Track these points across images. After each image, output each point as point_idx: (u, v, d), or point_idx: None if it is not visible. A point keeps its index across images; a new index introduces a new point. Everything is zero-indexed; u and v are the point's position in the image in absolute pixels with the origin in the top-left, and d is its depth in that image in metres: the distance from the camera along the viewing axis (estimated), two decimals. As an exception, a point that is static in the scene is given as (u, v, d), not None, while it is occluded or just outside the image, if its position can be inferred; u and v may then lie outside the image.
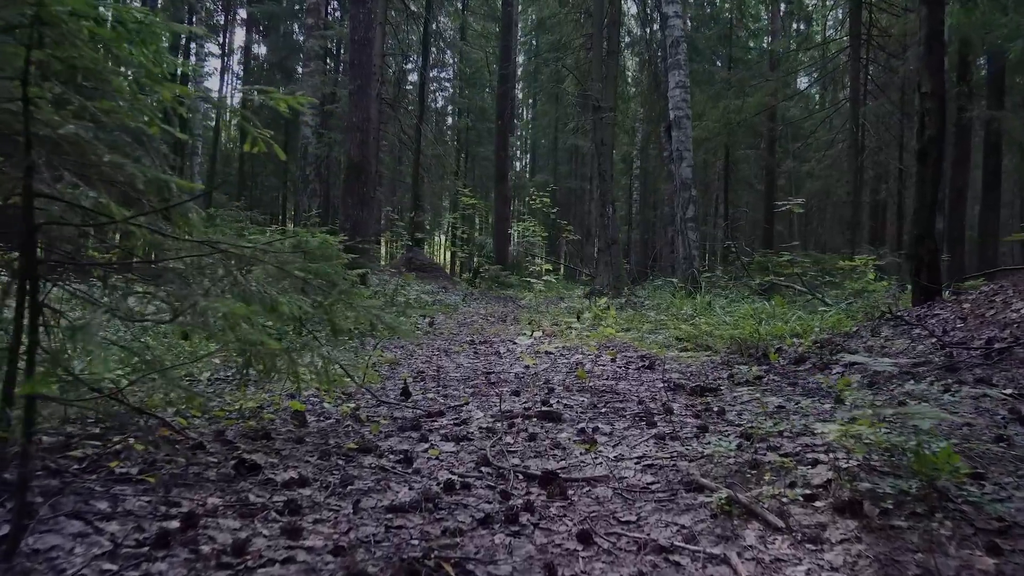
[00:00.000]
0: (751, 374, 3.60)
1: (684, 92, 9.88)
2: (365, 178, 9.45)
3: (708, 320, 5.10)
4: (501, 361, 5.02)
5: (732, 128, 16.82)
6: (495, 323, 8.12)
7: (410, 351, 5.73)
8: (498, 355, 5.33)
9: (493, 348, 5.75)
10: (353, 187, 9.39)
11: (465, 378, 4.32)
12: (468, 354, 5.48)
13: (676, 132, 9.82)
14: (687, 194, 9.74)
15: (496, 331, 7.09)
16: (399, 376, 4.43)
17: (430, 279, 15.77)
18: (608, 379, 3.97)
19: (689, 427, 2.74)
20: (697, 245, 9.76)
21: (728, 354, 4.51)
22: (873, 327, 4.53)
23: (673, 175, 10.02)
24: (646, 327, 5.75)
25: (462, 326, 7.82)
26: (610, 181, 12.79)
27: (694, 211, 9.84)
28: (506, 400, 3.45)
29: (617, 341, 5.61)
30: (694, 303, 7.61)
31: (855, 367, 3.68)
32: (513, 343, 6.03)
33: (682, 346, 4.82)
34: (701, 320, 5.01)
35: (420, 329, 7.17)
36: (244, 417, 2.92)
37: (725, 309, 6.25)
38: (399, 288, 9.87)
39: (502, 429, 2.79)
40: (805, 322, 4.78)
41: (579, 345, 5.48)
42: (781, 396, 3.22)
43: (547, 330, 6.57)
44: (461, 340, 6.41)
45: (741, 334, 4.30)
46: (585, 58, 15.72)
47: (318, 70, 15.89)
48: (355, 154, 9.40)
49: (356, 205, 9.35)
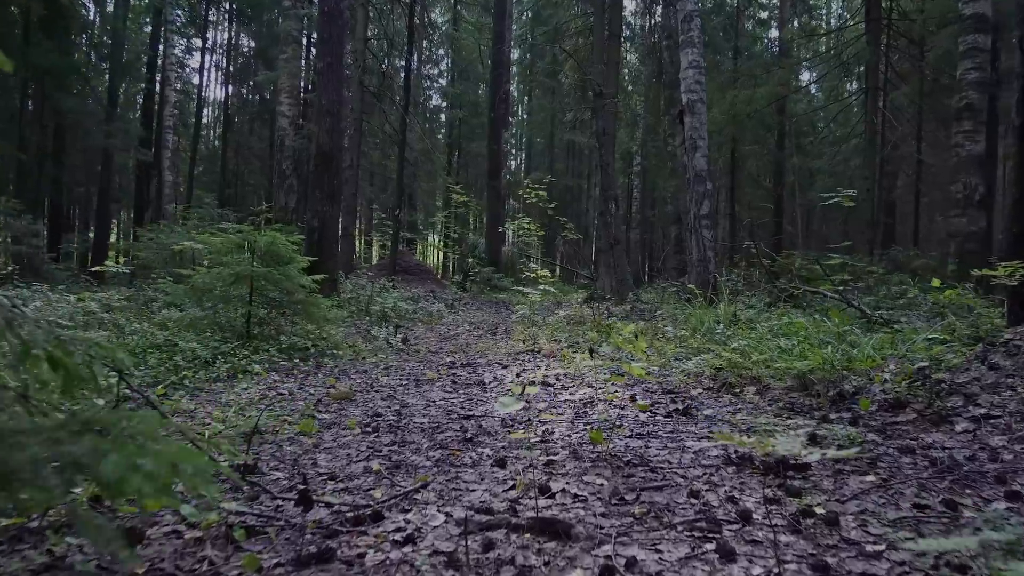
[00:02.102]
0: (843, 436, 2.45)
1: (698, 73, 8.76)
2: (336, 169, 8.28)
3: (752, 343, 3.96)
4: (485, 397, 3.86)
5: (741, 120, 15.71)
6: (483, 337, 6.96)
7: (373, 378, 4.56)
8: (482, 386, 4.17)
9: (477, 375, 4.59)
10: (322, 179, 8.22)
11: (433, 427, 3.17)
12: (445, 384, 4.31)
13: (689, 118, 8.69)
14: (702, 188, 8.61)
15: (483, 348, 5.93)
16: (345, 423, 3.27)
17: (417, 282, 14.61)
18: (633, 435, 2.81)
19: (791, 557, 1.60)
20: (713, 245, 8.63)
21: (787, 392, 3.37)
22: (981, 355, 3.39)
23: (685, 167, 8.88)
24: (670, 349, 4.59)
25: (444, 341, 6.65)
26: (612, 174, 11.65)
27: (709, 207, 8.71)
28: (485, 478, 2.29)
29: (632, 366, 4.46)
30: (716, 314, 6.47)
31: (993, 421, 2.54)
32: (503, 367, 4.87)
33: (722, 378, 3.67)
34: (742, 342, 3.86)
35: (391, 346, 6.00)
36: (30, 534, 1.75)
37: (762, 325, 5.11)
38: (374, 295, 8.69)
39: (471, 560, 1.63)
40: (882, 347, 3.64)
41: (584, 373, 4.33)
42: (908, 483, 2.07)
43: (545, 349, 5.41)
44: (439, 362, 5.25)
45: (806, 366, 3.15)
46: (584, 44, 14.59)
47: (296, 55, 14.69)
48: (324, 142, 8.23)
49: (325, 200, 8.18)
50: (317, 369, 4.98)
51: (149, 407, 3.36)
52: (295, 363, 5.03)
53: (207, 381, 4.26)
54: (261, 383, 4.31)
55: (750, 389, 3.53)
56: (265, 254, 5.68)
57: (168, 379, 4.07)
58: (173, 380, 4.05)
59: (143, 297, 7.63)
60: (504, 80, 19.19)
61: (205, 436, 2.88)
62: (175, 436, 2.34)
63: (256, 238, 5.54)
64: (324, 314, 5.91)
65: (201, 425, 3.20)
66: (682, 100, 8.86)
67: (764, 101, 15.50)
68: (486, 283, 15.36)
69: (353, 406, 3.73)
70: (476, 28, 27.07)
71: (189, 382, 4.07)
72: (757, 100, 15.35)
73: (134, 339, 4.88)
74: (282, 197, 14.70)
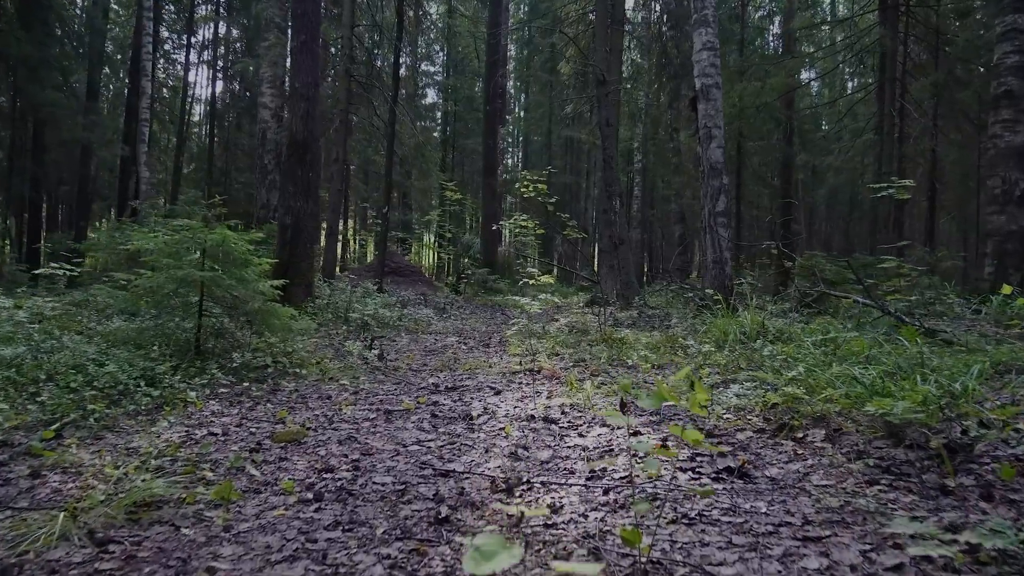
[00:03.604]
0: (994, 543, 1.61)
1: (713, 55, 7.93)
2: (311, 160, 7.42)
3: (807, 367, 3.12)
4: (471, 440, 3.01)
5: (749, 113, 14.91)
6: (474, 349, 6.11)
7: (335, 408, 3.72)
8: (468, 422, 3.33)
9: (463, 404, 3.74)
10: (295, 171, 7.36)
11: (399, 491, 2.33)
12: (422, 417, 3.47)
13: (703, 105, 7.87)
14: (717, 182, 7.78)
15: (473, 365, 5.09)
16: (281, 484, 2.43)
17: (407, 285, 13.75)
18: (678, 520, 1.97)
19: None
20: (730, 246, 7.80)
21: (869, 440, 2.54)
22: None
23: (698, 159, 8.06)
24: (707, 377, 3.76)
25: (429, 354, 5.80)
26: (615, 169, 10.83)
27: (726, 203, 7.88)
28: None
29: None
30: (740, 323, 5.64)
31: None
32: (495, 392, 4.03)
33: (777, 416, 2.84)
34: (796, 370, 3.03)
35: (367, 363, 5.15)
36: None
37: (802, 338, 4.29)
38: (353, 301, 7.83)
39: None
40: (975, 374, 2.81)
41: (595, 402, 3.49)
42: None
43: (546, 368, 4.57)
44: (419, 385, 4.40)
45: (906, 409, 2.32)
46: (584, 32, 13.76)
47: (279, 43, 13.81)
48: (298, 129, 7.37)
49: (299, 194, 7.33)
50: (272, 394, 4.13)
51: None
52: (246, 387, 4.18)
53: (124, 415, 3.41)
54: (193, 417, 3.47)
55: (816, 433, 2.70)
56: (218, 255, 4.84)
57: (71, 414, 3.22)
58: (75, 417, 3.20)
59: (95, 304, 6.76)
60: (500, 75, 18.35)
61: (71, 512, 2.04)
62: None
63: (204, 237, 4.69)
64: (287, 325, 5.06)
65: (82, 488, 2.36)
66: (695, 85, 8.03)
67: (775, 93, 14.69)
68: (481, 285, 14.51)
69: (300, 452, 2.89)
70: (471, 20, 26.24)
71: (97, 417, 3.22)
72: (767, 92, 14.54)
73: (51, 358, 4.02)
74: (264, 194, 13.81)
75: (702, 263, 8.73)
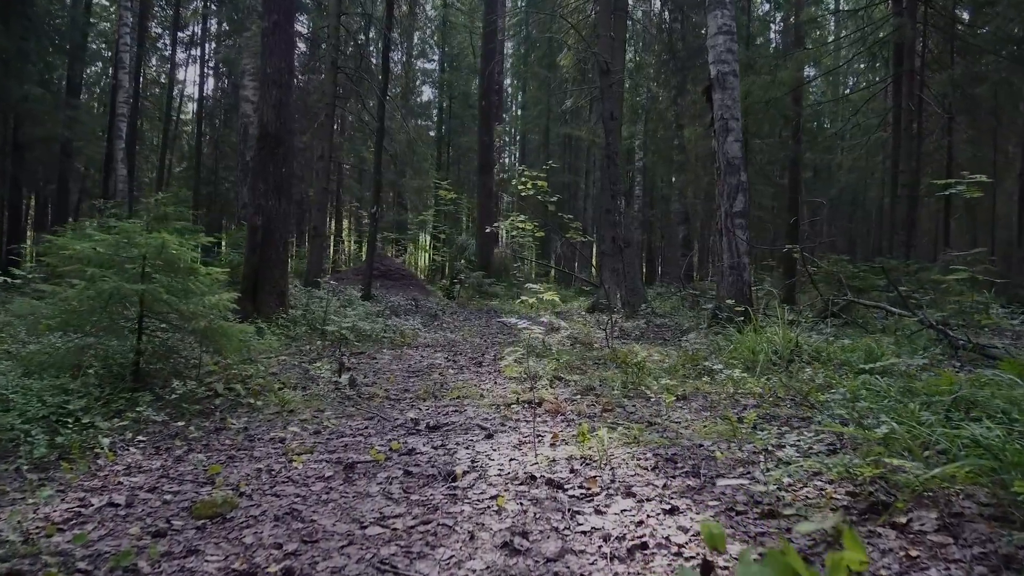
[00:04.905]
0: None
1: (730, 39, 7.20)
2: (284, 154, 6.65)
3: (900, 418, 2.39)
4: (453, 515, 2.26)
5: (757, 109, 14.16)
6: (465, 369, 5.36)
7: (283, 460, 2.96)
8: (451, 484, 2.57)
9: (446, 453, 2.98)
10: (266, 166, 6.60)
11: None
12: (394, 476, 2.71)
13: (719, 94, 7.13)
14: (735, 179, 7.05)
15: (463, 391, 4.33)
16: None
17: (397, 289, 12.97)
18: None
19: None
20: (748, 250, 7.06)
21: (997, 528, 1.80)
22: None
23: (714, 154, 7.31)
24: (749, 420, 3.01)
25: (412, 376, 5.04)
26: (620, 165, 10.09)
27: (744, 202, 7.15)
28: None
29: (686, 445, 2.88)
30: (767, 339, 4.90)
31: None
32: (487, 435, 3.27)
33: (864, 491, 2.10)
34: (890, 425, 2.29)
35: (339, 388, 4.38)
36: None
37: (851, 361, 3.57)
38: (333, 311, 7.05)
39: None
40: None
41: (612, 454, 2.75)
42: None
43: (548, 401, 3.81)
44: (395, 422, 3.63)
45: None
46: (585, 20, 13.01)
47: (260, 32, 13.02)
48: (269, 119, 6.61)
49: (270, 192, 6.56)
50: (216, 434, 3.37)
51: None
52: (182, 425, 3.42)
53: (12, 474, 2.65)
54: (100, 473, 2.71)
55: (926, 519, 1.96)
56: (160, 265, 4.07)
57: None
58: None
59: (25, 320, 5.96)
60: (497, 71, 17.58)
61: None
62: None
63: (141, 241, 3.93)
64: (243, 345, 4.31)
65: None
66: (710, 72, 7.29)
67: (784, 88, 13.95)
68: (476, 289, 13.74)
69: (221, 536, 2.13)
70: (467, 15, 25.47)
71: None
72: (777, 87, 13.82)
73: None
74: (245, 192, 13.02)
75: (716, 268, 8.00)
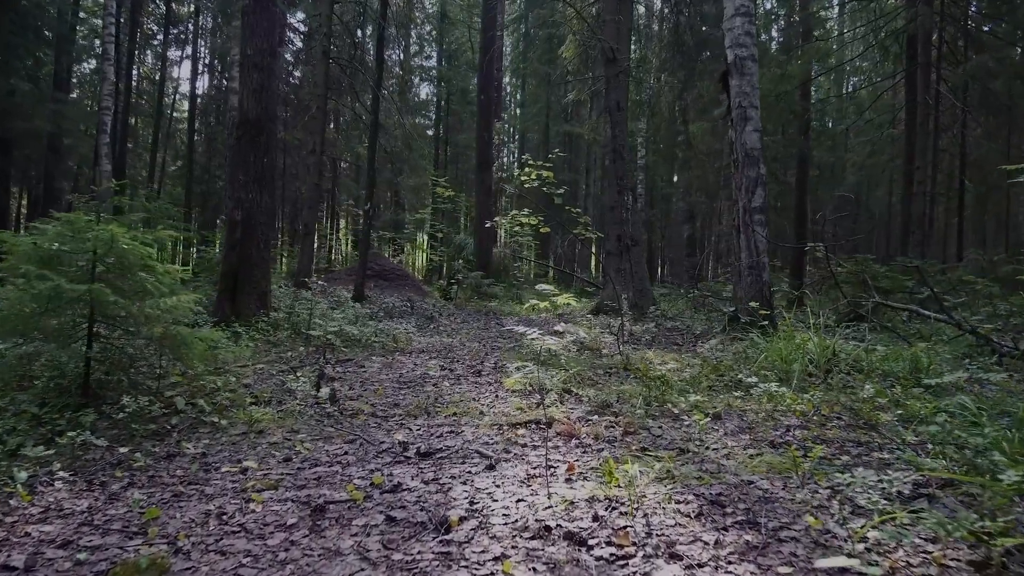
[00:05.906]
0: None
1: (748, 21, 6.70)
2: (266, 143, 6.12)
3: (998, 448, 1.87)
4: (444, 586, 1.73)
5: (766, 103, 13.66)
6: (462, 379, 4.83)
7: (241, 498, 2.42)
8: (443, 537, 2.05)
9: (439, 490, 2.45)
10: (246, 156, 6.06)
11: None
12: (373, 525, 2.18)
13: (737, 80, 6.63)
14: (754, 172, 6.54)
15: (459, 408, 3.81)
16: None
17: (393, 290, 12.43)
18: None
19: None
20: (767, 248, 6.54)
21: None
22: None
23: (731, 146, 6.80)
24: (811, 459, 2.49)
25: (403, 388, 4.51)
26: (626, 160, 9.58)
27: (763, 197, 6.63)
28: None
29: (732, 482, 2.36)
30: (799, 348, 4.38)
31: None
32: (488, 464, 2.74)
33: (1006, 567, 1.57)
34: (1010, 475, 1.77)
35: (318, 402, 3.85)
36: None
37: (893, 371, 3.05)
38: (318, 314, 6.51)
39: None
40: None
41: (644, 493, 2.23)
42: None
43: (559, 421, 3.29)
44: (379, 446, 3.10)
45: None
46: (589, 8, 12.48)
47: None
48: (249, 106, 6.08)
49: (251, 184, 6.03)
50: (166, 461, 2.84)
51: None
52: (128, 451, 2.89)
53: None
54: (8, 519, 2.18)
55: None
56: (113, 263, 3.55)
57: None
58: None
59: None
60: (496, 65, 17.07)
61: None
62: None
63: (89, 237, 3.40)
64: (206, 353, 3.78)
65: None
66: (727, 57, 6.78)
67: (794, 81, 13.48)
68: (474, 290, 13.20)
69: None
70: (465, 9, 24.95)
71: None
72: (787, 80, 13.34)
73: None
74: (234, 189, 12.49)
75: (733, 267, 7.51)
